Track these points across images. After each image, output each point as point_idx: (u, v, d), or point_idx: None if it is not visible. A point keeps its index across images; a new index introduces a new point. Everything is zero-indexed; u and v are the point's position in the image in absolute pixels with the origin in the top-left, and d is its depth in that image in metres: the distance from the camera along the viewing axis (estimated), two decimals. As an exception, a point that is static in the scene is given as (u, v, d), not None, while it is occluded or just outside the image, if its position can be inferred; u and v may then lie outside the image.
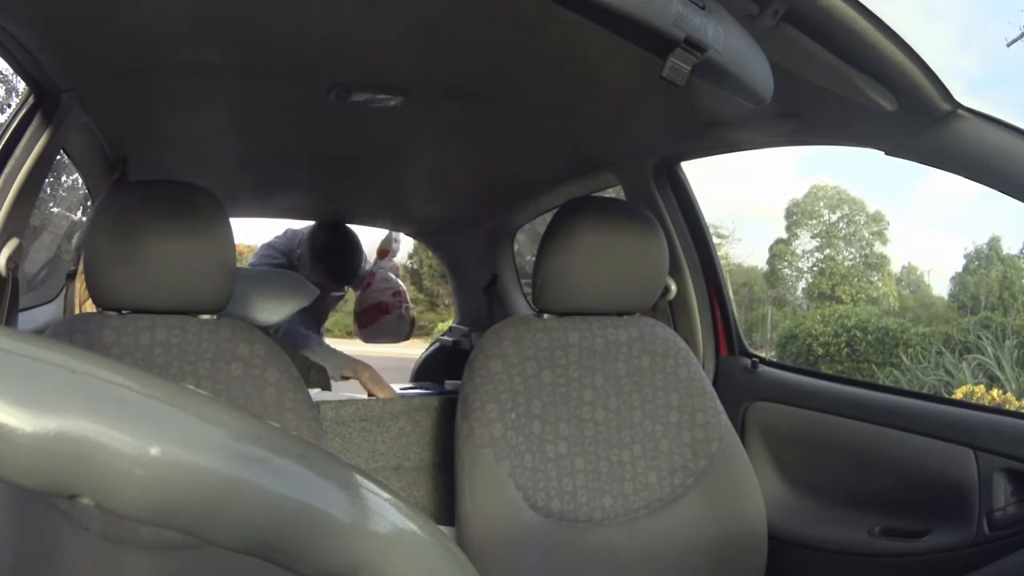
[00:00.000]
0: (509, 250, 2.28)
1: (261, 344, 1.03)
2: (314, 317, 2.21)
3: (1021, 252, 11.70)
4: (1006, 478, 1.03)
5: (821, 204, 13.58)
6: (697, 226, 1.48)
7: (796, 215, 13.65)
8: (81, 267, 1.32)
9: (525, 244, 2.72)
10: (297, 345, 1.66)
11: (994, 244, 11.87)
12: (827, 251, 13.40)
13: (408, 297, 2.35)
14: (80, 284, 1.43)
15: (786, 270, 13.68)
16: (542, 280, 1.14)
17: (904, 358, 7.56)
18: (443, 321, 10.30)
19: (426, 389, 1.63)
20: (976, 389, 5.14)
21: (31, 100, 1.11)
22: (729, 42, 0.62)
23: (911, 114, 0.88)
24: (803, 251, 13.69)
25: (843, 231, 13.43)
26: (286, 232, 2.34)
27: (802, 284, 13.69)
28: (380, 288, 2.27)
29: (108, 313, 1.01)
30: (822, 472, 1.26)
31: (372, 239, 2.54)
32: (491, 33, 0.99)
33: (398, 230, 2.49)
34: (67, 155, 1.40)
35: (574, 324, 1.14)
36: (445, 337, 2.61)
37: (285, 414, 1.00)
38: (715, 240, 1.54)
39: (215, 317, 1.04)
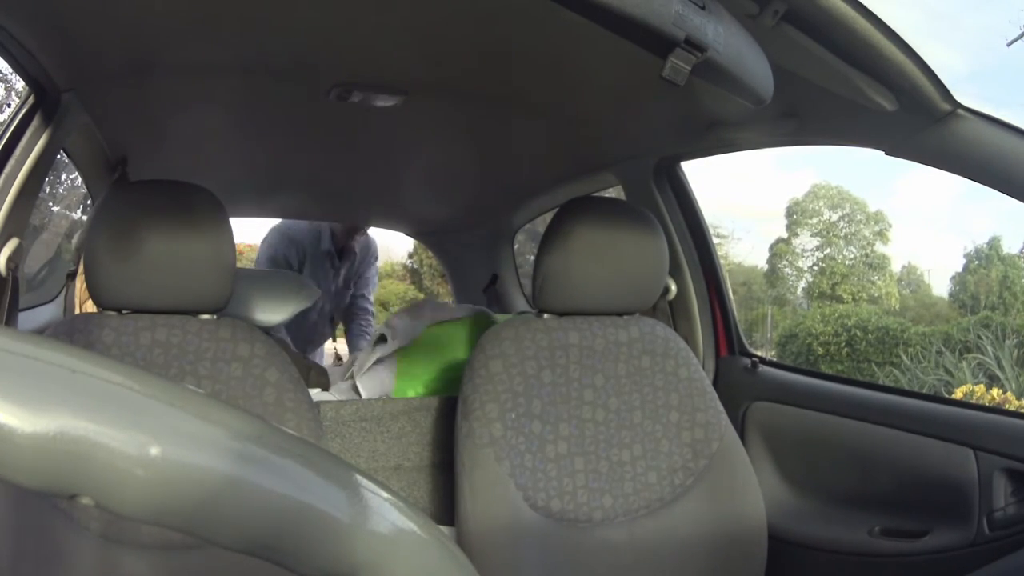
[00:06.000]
0: (509, 250, 2.28)
1: (261, 344, 1.03)
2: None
3: (1021, 252, 11.71)
4: (1006, 478, 1.03)
5: (821, 203, 13.59)
6: (697, 226, 1.48)
7: (796, 214, 13.65)
8: (81, 267, 1.32)
9: (525, 244, 2.72)
10: None
11: (994, 244, 11.88)
12: (827, 250, 13.40)
13: None
14: (80, 284, 1.43)
15: (786, 269, 13.69)
16: (542, 280, 1.14)
17: (904, 357, 7.56)
18: (443, 321, 10.25)
19: None
20: (976, 389, 5.14)
21: (31, 100, 1.11)
22: (729, 42, 0.62)
23: (911, 114, 0.88)
24: (803, 250, 13.70)
25: (843, 230, 13.44)
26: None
27: (802, 283, 13.70)
28: None
29: (108, 313, 1.01)
30: (822, 472, 1.26)
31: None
32: (491, 33, 0.99)
33: (397, 230, 2.50)
34: (67, 155, 1.40)
35: (574, 324, 1.14)
36: None
37: (285, 414, 1.00)
38: (714, 240, 1.54)
39: (215, 317, 1.04)
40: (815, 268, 13.48)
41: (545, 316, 1.15)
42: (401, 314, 1.49)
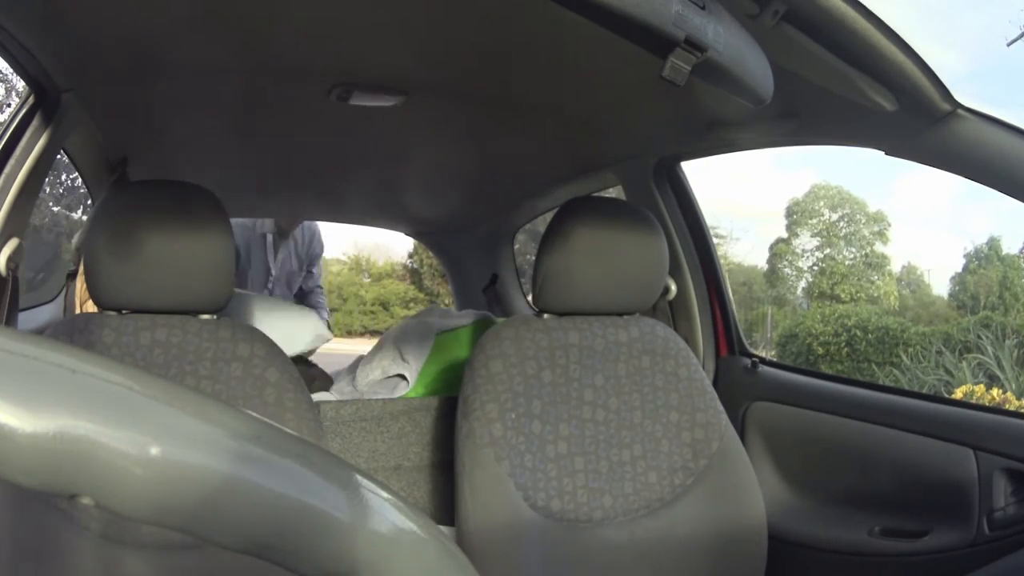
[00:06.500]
0: (509, 250, 2.28)
1: (261, 344, 1.03)
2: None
3: (1021, 252, 11.72)
4: (1006, 478, 1.03)
5: (821, 203, 13.59)
6: (697, 226, 1.48)
7: (796, 214, 13.66)
8: (82, 267, 1.32)
9: (525, 244, 2.73)
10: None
11: (994, 244, 11.89)
12: (827, 250, 13.41)
13: None
14: (80, 284, 1.43)
15: (786, 269, 13.70)
16: (542, 280, 1.14)
17: (904, 357, 7.56)
18: (443, 321, 10.23)
19: None
20: (976, 389, 5.14)
21: (31, 100, 1.11)
22: (729, 42, 0.62)
23: (911, 114, 0.88)
24: (803, 250, 13.71)
25: (843, 230, 13.45)
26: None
27: (802, 283, 13.71)
28: None
29: (108, 313, 1.01)
30: (822, 472, 1.26)
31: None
32: (491, 33, 0.99)
33: (397, 230, 2.50)
34: (67, 155, 1.40)
35: (574, 324, 1.14)
36: None
37: (285, 414, 1.00)
38: (714, 240, 1.54)
39: (215, 317, 1.04)
40: (815, 268, 13.49)
41: (545, 316, 1.15)
42: (410, 340, 1.45)
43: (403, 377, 1.40)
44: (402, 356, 1.41)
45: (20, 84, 1.17)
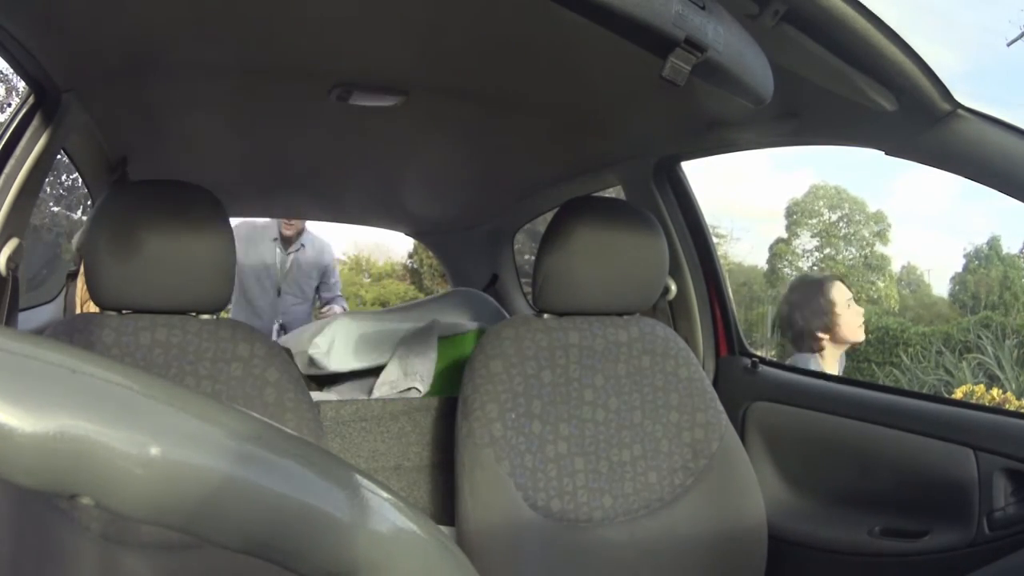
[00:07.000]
0: (509, 250, 2.28)
1: (261, 344, 1.03)
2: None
3: (1021, 252, 11.72)
4: (1006, 478, 1.03)
5: (821, 203, 13.60)
6: (697, 226, 1.48)
7: (796, 214, 13.66)
8: (82, 267, 1.32)
9: (525, 244, 2.73)
10: None
11: (994, 244, 11.90)
12: (827, 250, 13.41)
13: None
14: (80, 284, 1.43)
15: (786, 269, 13.70)
16: (542, 280, 1.14)
17: (904, 357, 7.56)
18: (443, 321, 10.22)
19: None
20: (976, 389, 5.13)
21: (31, 100, 1.11)
22: (729, 42, 0.62)
23: (911, 114, 0.88)
24: (803, 250, 13.71)
25: (843, 231, 13.45)
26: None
27: (802, 284, 13.69)
28: None
29: (108, 313, 1.01)
30: (822, 472, 1.26)
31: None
32: (491, 33, 0.99)
33: (397, 230, 2.50)
34: (67, 155, 1.40)
35: (574, 324, 1.14)
36: None
37: (285, 414, 1.00)
38: (713, 239, 1.54)
39: (215, 317, 1.04)
40: (815, 268, 13.49)
41: (545, 316, 1.15)
42: (413, 351, 1.44)
43: (416, 388, 1.40)
44: (408, 369, 1.41)
45: (20, 84, 1.17)
